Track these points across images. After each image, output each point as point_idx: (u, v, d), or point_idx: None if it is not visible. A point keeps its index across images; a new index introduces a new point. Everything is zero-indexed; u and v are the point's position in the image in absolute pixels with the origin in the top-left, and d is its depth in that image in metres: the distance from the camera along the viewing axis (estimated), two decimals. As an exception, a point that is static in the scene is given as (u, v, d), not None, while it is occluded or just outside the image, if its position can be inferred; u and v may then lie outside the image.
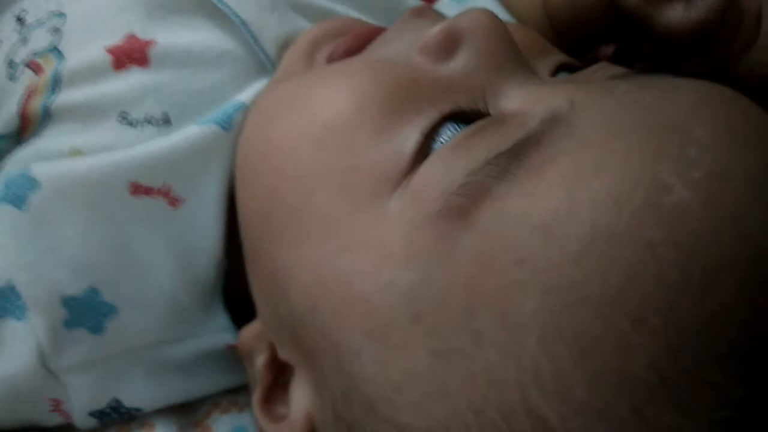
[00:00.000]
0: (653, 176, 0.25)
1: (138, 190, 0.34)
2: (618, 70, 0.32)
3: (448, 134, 0.29)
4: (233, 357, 0.35)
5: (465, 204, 0.26)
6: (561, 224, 0.25)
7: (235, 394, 0.37)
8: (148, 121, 0.35)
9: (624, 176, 0.25)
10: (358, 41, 0.35)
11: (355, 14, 0.40)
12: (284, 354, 0.32)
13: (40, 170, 0.33)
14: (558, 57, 0.34)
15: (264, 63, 0.37)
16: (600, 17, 0.45)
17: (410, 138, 0.29)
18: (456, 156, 0.28)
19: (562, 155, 0.26)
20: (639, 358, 0.23)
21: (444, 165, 0.28)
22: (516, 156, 0.26)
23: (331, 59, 0.35)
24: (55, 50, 0.36)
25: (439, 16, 0.35)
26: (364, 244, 0.28)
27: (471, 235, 0.26)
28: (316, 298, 0.29)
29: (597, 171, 0.25)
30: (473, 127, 0.29)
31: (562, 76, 0.34)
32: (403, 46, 0.33)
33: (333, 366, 0.29)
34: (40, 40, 0.37)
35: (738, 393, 0.24)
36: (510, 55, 0.31)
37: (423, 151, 0.29)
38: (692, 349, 0.24)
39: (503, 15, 0.49)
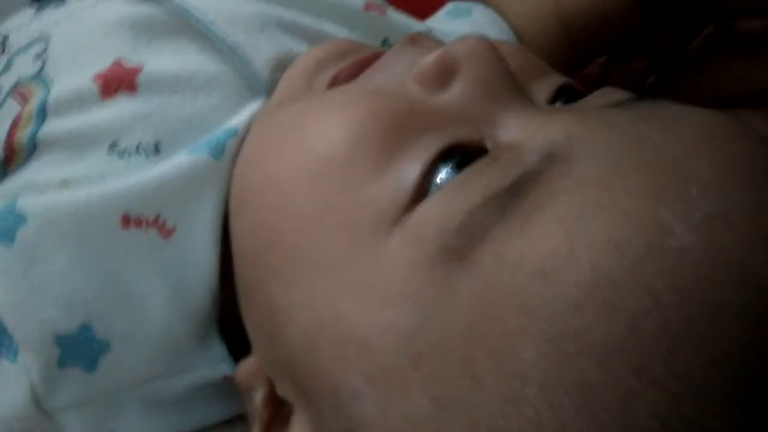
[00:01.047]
0: (654, 219, 0.25)
1: (129, 221, 0.33)
2: (618, 96, 0.32)
3: (446, 169, 0.28)
4: (229, 388, 0.35)
5: (463, 246, 0.26)
6: (560, 270, 0.24)
7: (231, 425, 0.37)
8: (138, 150, 0.34)
9: (624, 219, 0.25)
10: (361, 67, 0.35)
11: (343, 33, 0.39)
12: (282, 391, 0.32)
13: (27, 204, 0.32)
14: (556, 78, 0.34)
15: (255, 86, 0.36)
16: (626, 16, 0.45)
17: (409, 173, 0.29)
18: (453, 194, 0.27)
19: (561, 195, 0.26)
20: (641, 407, 0.23)
21: (441, 203, 0.27)
22: (514, 195, 0.26)
23: (332, 85, 0.35)
24: (41, 78, 0.35)
25: (434, 43, 0.35)
26: (363, 284, 0.28)
27: (469, 279, 0.26)
28: (315, 340, 0.29)
29: (596, 213, 0.25)
30: (472, 168, 0.28)
31: (560, 103, 0.33)
32: (398, 74, 0.33)
33: (332, 408, 0.28)
34: (24, 66, 0.36)
35: None
36: (506, 84, 0.31)
37: (423, 186, 0.28)
38: (695, 398, 0.23)
39: (503, 26, 0.48)
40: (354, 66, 0.35)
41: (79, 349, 0.33)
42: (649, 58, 0.53)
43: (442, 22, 0.50)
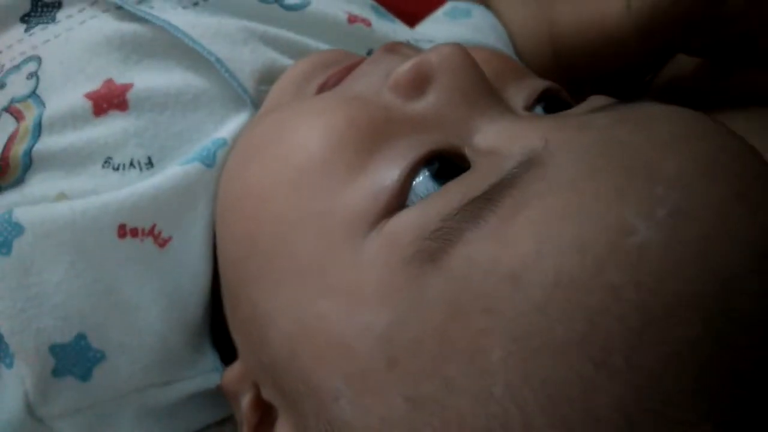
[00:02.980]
0: (618, 219, 0.25)
1: (125, 231, 0.34)
2: (599, 101, 0.32)
3: (424, 176, 0.29)
4: (221, 392, 0.36)
5: (437, 249, 0.27)
6: (528, 273, 0.25)
7: (221, 425, 0.38)
8: (132, 164, 0.35)
9: (589, 221, 0.25)
10: (350, 73, 0.35)
11: (324, 47, 0.40)
12: (267, 395, 0.32)
13: (24, 214, 0.33)
14: (538, 83, 0.34)
15: (242, 97, 0.37)
16: (622, 57, 0.45)
17: (387, 178, 0.29)
18: (430, 199, 0.28)
19: (534, 200, 0.26)
20: (603, 400, 0.24)
21: (418, 209, 0.28)
22: (489, 201, 0.27)
23: (320, 92, 0.35)
24: (35, 97, 0.36)
25: (412, 51, 0.35)
26: (341, 288, 0.28)
27: (441, 281, 0.26)
28: (296, 343, 0.29)
29: (565, 216, 0.26)
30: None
31: (540, 108, 0.33)
32: (375, 82, 0.33)
33: (313, 410, 0.29)
34: (18, 86, 0.37)
35: (706, 428, 0.24)
36: (481, 90, 0.31)
37: (402, 191, 0.29)
38: (656, 388, 0.24)
39: (501, 33, 0.49)
40: (343, 71, 0.36)
41: (74, 359, 0.33)
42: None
43: (440, 23, 0.50)
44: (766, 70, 0.46)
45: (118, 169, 0.35)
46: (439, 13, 0.52)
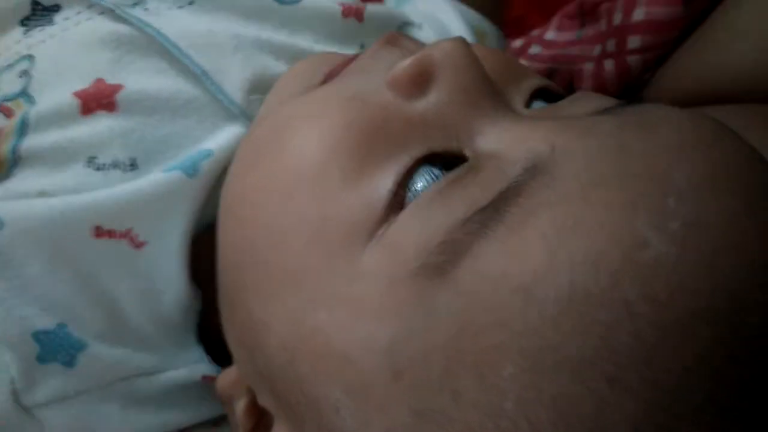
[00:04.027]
0: (631, 232, 0.25)
1: (101, 232, 0.34)
2: (600, 101, 0.31)
3: (423, 179, 0.28)
4: (212, 388, 0.36)
5: (444, 262, 0.26)
6: (540, 286, 0.25)
7: (216, 426, 0.38)
8: (115, 165, 0.35)
9: (602, 233, 0.25)
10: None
11: (320, 44, 0.40)
12: (263, 401, 0.32)
13: (4, 210, 0.33)
14: (532, 81, 0.33)
15: (230, 109, 0.37)
16: None
17: (383, 185, 0.28)
18: (434, 209, 0.27)
19: (543, 209, 0.26)
20: (615, 416, 0.24)
21: (422, 219, 0.27)
22: (496, 209, 0.26)
23: (329, 78, 0.35)
24: (26, 95, 0.36)
25: (412, 44, 0.34)
26: (340, 298, 0.28)
27: (450, 295, 0.26)
28: (293, 352, 0.29)
29: (576, 229, 0.25)
30: (450, 176, 0.28)
31: (539, 104, 0.33)
32: (374, 78, 0.32)
33: (312, 419, 0.29)
34: (10, 84, 0.37)
35: None
36: (484, 90, 0.30)
37: (397, 198, 0.28)
38: (668, 403, 0.24)
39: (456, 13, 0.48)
40: (346, 64, 0.35)
41: (57, 345, 0.34)
42: (645, 55, 0.54)
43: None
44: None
45: (100, 169, 0.35)
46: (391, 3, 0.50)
